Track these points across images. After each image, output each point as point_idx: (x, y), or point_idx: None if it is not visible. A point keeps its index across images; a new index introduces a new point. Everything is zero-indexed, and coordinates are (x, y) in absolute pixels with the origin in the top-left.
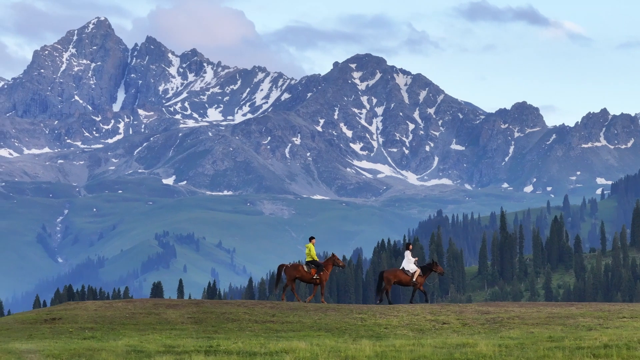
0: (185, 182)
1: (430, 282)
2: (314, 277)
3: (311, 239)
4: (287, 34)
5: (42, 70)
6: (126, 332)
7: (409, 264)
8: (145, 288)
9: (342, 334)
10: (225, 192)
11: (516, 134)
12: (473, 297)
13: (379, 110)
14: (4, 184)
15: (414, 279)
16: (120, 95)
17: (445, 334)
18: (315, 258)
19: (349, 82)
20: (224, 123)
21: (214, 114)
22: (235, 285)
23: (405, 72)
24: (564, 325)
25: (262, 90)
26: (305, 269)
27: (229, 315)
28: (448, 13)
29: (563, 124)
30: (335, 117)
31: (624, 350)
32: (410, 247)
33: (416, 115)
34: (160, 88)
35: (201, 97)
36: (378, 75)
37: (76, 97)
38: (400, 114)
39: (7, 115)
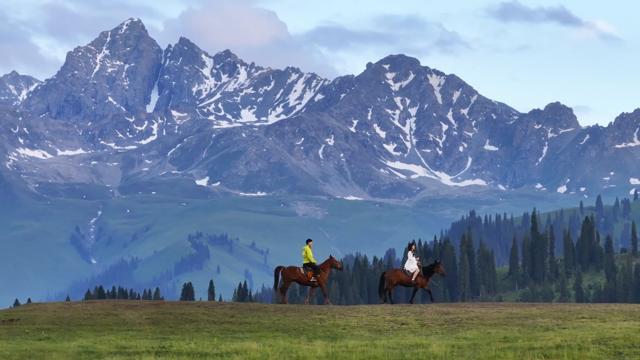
0: (218, 183)
1: (436, 283)
2: (311, 280)
3: (308, 241)
4: (318, 34)
5: (75, 72)
6: (82, 333)
7: (411, 264)
8: (178, 289)
9: (299, 335)
10: (259, 193)
11: (549, 135)
12: (504, 297)
13: (413, 111)
14: (37, 185)
15: (413, 279)
16: (154, 97)
17: (402, 334)
18: (313, 260)
19: (383, 82)
20: (258, 124)
21: (247, 115)
22: (268, 286)
23: (438, 73)
24: (522, 325)
25: (295, 91)
26: (302, 271)
27: (187, 316)
28: (479, 14)
29: (596, 124)
30: (369, 117)
31: (575, 351)
32: (413, 247)
33: (449, 115)
34: (194, 89)
35: (235, 98)
36: (411, 76)
37: (110, 99)
38: (434, 114)
39: (41, 116)
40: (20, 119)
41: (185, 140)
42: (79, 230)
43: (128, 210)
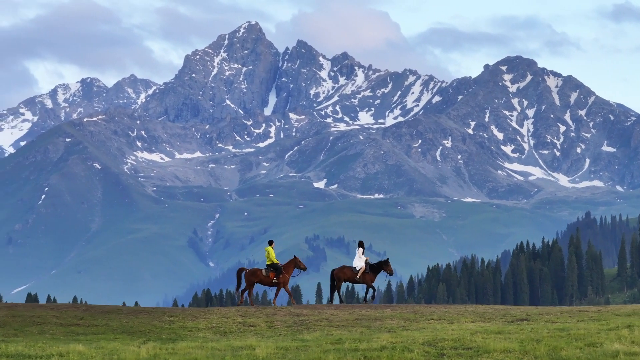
0: (336, 185)
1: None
2: (274, 281)
3: (270, 242)
4: (431, 36)
5: (193, 75)
6: None
7: (359, 261)
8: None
9: (141, 337)
10: (376, 195)
11: None
12: (612, 299)
13: (530, 113)
14: (155, 188)
15: (359, 276)
16: (272, 99)
17: (245, 336)
18: (275, 261)
19: (500, 84)
20: (375, 126)
21: (365, 117)
22: (383, 288)
23: (555, 74)
24: (368, 327)
25: (413, 93)
26: (264, 273)
27: (36, 318)
28: (589, 15)
29: None
30: (486, 119)
31: (397, 352)
32: (363, 244)
33: (567, 117)
34: (312, 92)
35: (352, 100)
36: (529, 78)
37: (227, 102)
38: (551, 115)
39: (159, 120)
40: (138, 122)
41: (302, 142)
42: (197, 233)
43: (245, 213)
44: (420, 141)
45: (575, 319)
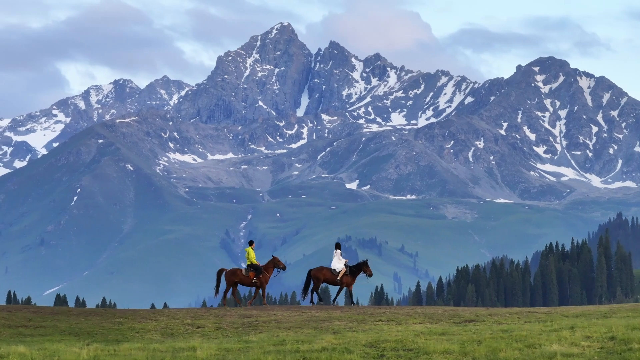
0: (368, 186)
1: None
2: (253, 281)
3: (251, 243)
4: (462, 36)
5: (225, 76)
6: None
7: (338, 263)
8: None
9: (88, 338)
10: (409, 196)
11: None
12: None
13: (562, 113)
14: (187, 189)
15: (339, 278)
16: (304, 100)
17: (192, 337)
18: (254, 262)
19: (532, 85)
20: (407, 127)
21: (397, 118)
22: (414, 290)
23: (588, 75)
24: (315, 328)
25: (445, 94)
26: (244, 273)
27: None
28: (619, 16)
29: None
30: (519, 120)
31: (337, 354)
32: (340, 246)
33: (599, 117)
34: (344, 93)
35: (384, 101)
36: (561, 78)
37: (260, 103)
38: (584, 116)
39: (191, 121)
40: (171, 123)
41: (335, 143)
42: (229, 235)
43: (278, 214)
44: (452, 142)
45: (522, 320)
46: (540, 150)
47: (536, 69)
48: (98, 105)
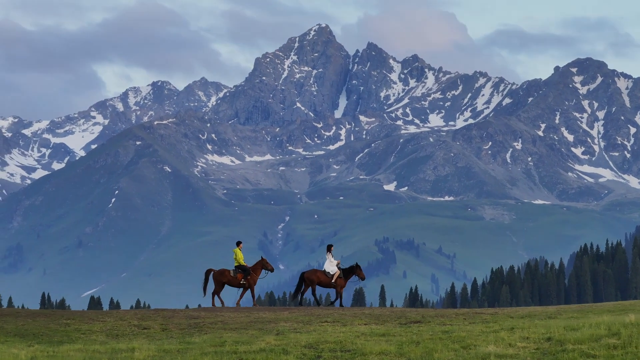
0: (406, 187)
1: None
2: (242, 282)
3: (238, 243)
4: (497, 37)
5: (263, 78)
6: None
7: (331, 265)
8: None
9: (33, 339)
10: (446, 198)
11: None
12: None
13: (600, 114)
14: (225, 191)
15: (333, 281)
16: (342, 102)
17: (136, 338)
18: (242, 263)
19: (570, 86)
20: (445, 129)
21: (435, 120)
22: (447, 290)
23: (626, 76)
24: (260, 329)
25: (483, 95)
26: (232, 274)
27: None
28: None
29: None
30: (557, 121)
31: (273, 355)
32: (332, 248)
33: (638, 118)
34: (382, 94)
35: (422, 102)
36: (599, 79)
37: (298, 104)
38: (622, 117)
39: (229, 122)
40: (209, 125)
41: (373, 145)
42: (267, 236)
43: (316, 216)
44: (490, 143)
45: (467, 321)
46: (578, 151)
47: (574, 70)
48: (136, 107)
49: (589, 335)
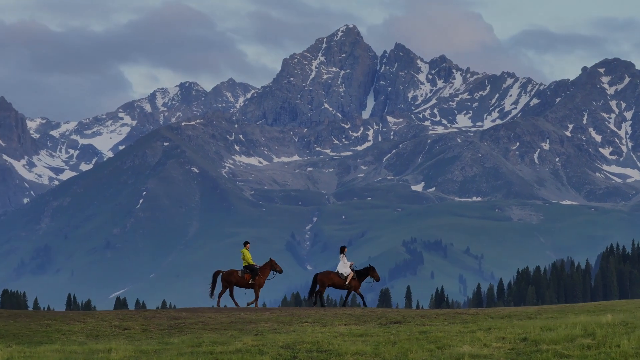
0: (434, 188)
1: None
2: (250, 282)
3: (245, 243)
4: (524, 37)
5: (291, 79)
6: None
7: (344, 267)
8: (393, 296)
9: (12, 340)
10: (474, 198)
11: None
12: None
13: (628, 115)
14: (253, 192)
15: (347, 282)
16: (370, 103)
17: (116, 339)
18: (251, 262)
19: (598, 86)
20: (473, 129)
21: (463, 120)
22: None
23: None
24: (240, 330)
25: (511, 95)
26: (240, 274)
27: None
28: None
29: None
30: (584, 122)
31: (248, 355)
32: (345, 250)
33: None
34: (410, 95)
35: (450, 103)
36: (627, 80)
37: (325, 105)
38: None
39: (257, 123)
40: (236, 126)
41: (400, 145)
42: (295, 237)
43: (343, 217)
44: (518, 144)
45: (447, 321)
46: (606, 151)
47: (601, 70)
48: (164, 108)
49: (564, 336)
